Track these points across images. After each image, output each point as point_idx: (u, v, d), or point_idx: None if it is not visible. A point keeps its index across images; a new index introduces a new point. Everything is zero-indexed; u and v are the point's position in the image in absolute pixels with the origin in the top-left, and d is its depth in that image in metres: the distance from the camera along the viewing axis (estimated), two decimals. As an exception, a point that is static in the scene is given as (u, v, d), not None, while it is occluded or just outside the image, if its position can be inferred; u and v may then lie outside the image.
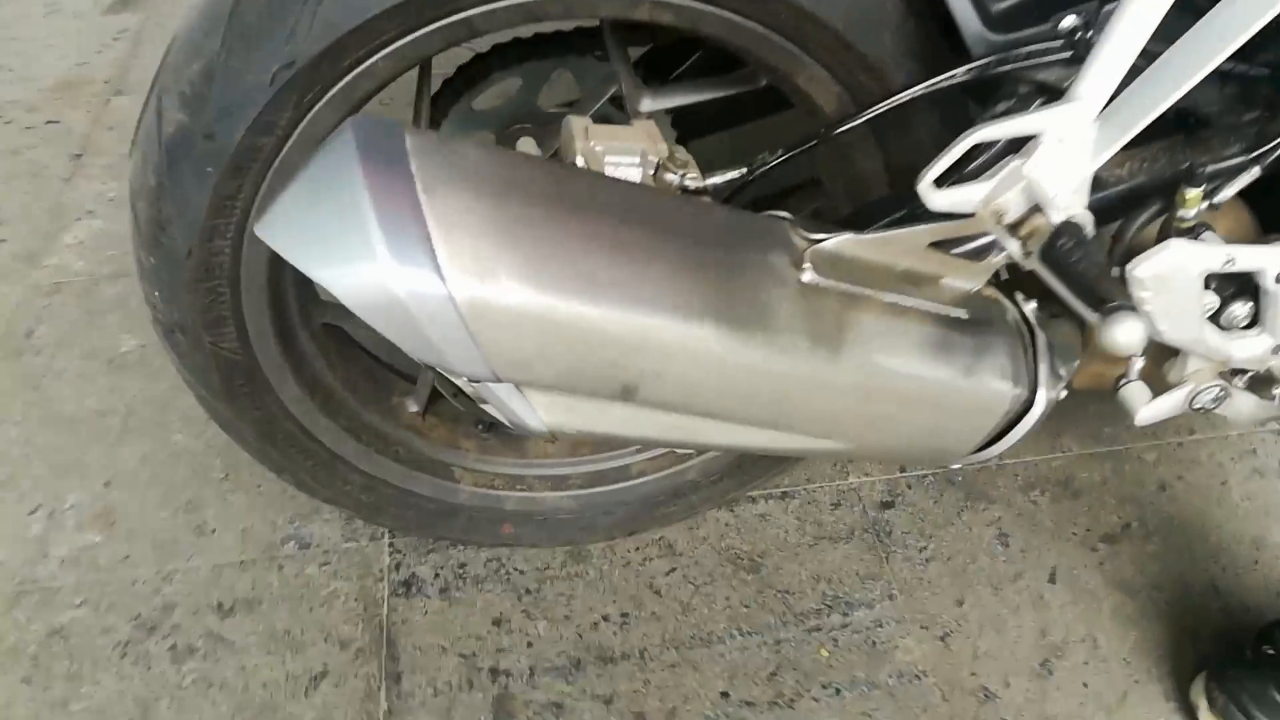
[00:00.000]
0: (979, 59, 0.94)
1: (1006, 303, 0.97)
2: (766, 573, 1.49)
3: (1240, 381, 1.20)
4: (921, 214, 0.88)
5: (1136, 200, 1.01)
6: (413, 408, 1.36)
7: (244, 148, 0.96)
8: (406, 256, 0.68)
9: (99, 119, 2.41)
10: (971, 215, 0.86)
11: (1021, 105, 0.99)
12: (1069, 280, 0.79)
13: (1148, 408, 1.17)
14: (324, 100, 0.96)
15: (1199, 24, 0.79)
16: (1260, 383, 1.20)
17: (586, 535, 1.46)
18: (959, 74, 0.94)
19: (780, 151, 0.95)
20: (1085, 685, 1.36)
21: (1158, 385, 1.19)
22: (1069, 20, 0.94)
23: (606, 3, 0.95)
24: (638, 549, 1.51)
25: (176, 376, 1.17)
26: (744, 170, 0.94)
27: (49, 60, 2.64)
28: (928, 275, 0.89)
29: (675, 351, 0.77)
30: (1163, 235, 1.01)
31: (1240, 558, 1.50)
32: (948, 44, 1.03)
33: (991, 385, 0.90)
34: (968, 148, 0.85)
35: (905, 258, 0.88)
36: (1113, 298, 0.78)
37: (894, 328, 0.85)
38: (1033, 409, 0.95)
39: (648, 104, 1.11)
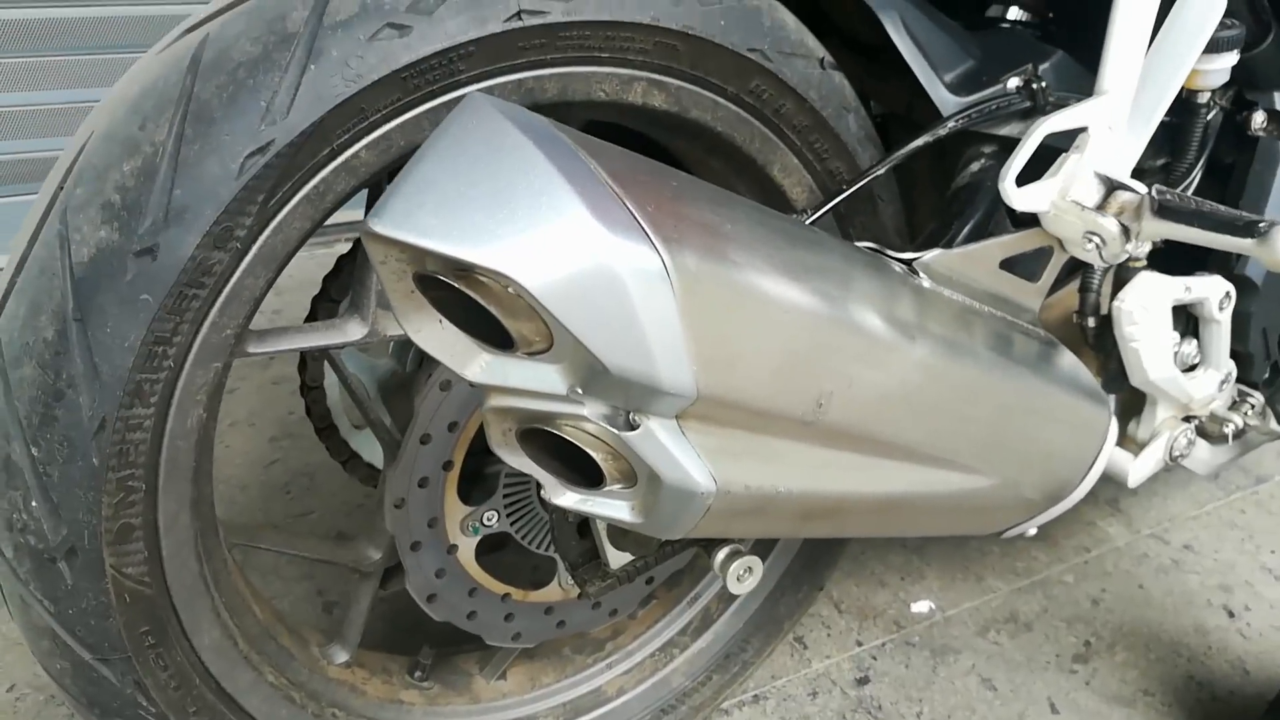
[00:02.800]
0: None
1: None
2: (777, 784, 1.25)
3: (1191, 431, 1.24)
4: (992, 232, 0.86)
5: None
6: (340, 657, 1.05)
7: (194, 265, 0.75)
8: (617, 225, 0.52)
9: None
10: (1036, 227, 0.85)
11: (989, 161, 1.04)
12: (1203, 221, 0.78)
13: (1135, 468, 1.17)
14: (292, 202, 0.79)
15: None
16: (1209, 427, 1.25)
17: (571, 787, 1.16)
18: (942, 128, 0.96)
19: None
20: (1146, 806, 1.23)
21: (1129, 448, 1.21)
22: (1014, 80, 1.01)
23: (602, 82, 0.88)
24: (622, 799, 1.22)
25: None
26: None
27: None
28: (1001, 296, 0.85)
29: (861, 350, 0.65)
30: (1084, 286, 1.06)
31: (1194, 647, 1.50)
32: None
33: (1093, 401, 0.85)
34: (1040, 139, 0.85)
35: (982, 275, 0.83)
36: (1255, 219, 0.78)
37: (1007, 338, 0.79)
38: (1109, 432, 0.91)
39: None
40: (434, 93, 0.81)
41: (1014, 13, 1.15)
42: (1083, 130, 0.85)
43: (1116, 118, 0.86)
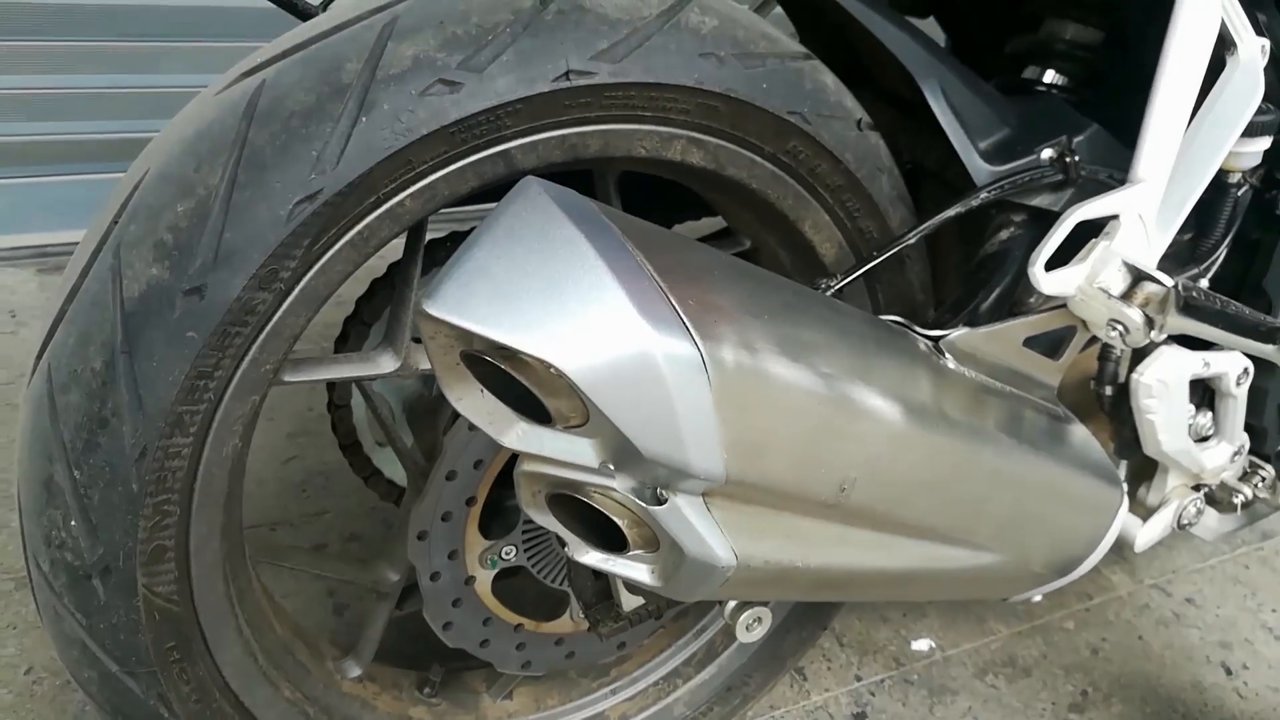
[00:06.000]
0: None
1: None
2: (770, 817, 1.28)
3: (1200, 500, 1.25)
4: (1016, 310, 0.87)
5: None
6: (354, 672, 1.08)
7: (239, 306, 0.78)
8: (659, 320, 0.55)
9: None
10: (1062, 306, 0.87)
11: (1018, 230, 1.05)
12: (1227, 323, 0.79)
13: (1143, 534, 1.18)
14: (336, 246, 0.81)
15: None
16: (1218, 495, 1.27)
17: (569, 811, 1.19)
18: (975, 199, 0.97)
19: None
20: None
21: (1138, 512, 1.23)
22: (1048, 151, 1.02)
23: (643, 139, 0.90)
24: (617, 822, 1.25)
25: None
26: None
27: None
28: (1022, 372, 0.87)
29: (888, 437, 0.67)
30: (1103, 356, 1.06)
31: (1190, 704, 1.51)
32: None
33: (1108, 482, 0.87)
34: (1071, 227, 0.87)
35: (1005, 353, 0.85)
36: (1278, 325, 0.79)
37: (1028, 420, 0.81)
38: (1121, 510, 0.93)
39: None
40: (479, 146, 0.83)
41: (1050, 76, 1.16)
42: (1113, 218, 0.87)
43: (1148, 207, 0.87)
